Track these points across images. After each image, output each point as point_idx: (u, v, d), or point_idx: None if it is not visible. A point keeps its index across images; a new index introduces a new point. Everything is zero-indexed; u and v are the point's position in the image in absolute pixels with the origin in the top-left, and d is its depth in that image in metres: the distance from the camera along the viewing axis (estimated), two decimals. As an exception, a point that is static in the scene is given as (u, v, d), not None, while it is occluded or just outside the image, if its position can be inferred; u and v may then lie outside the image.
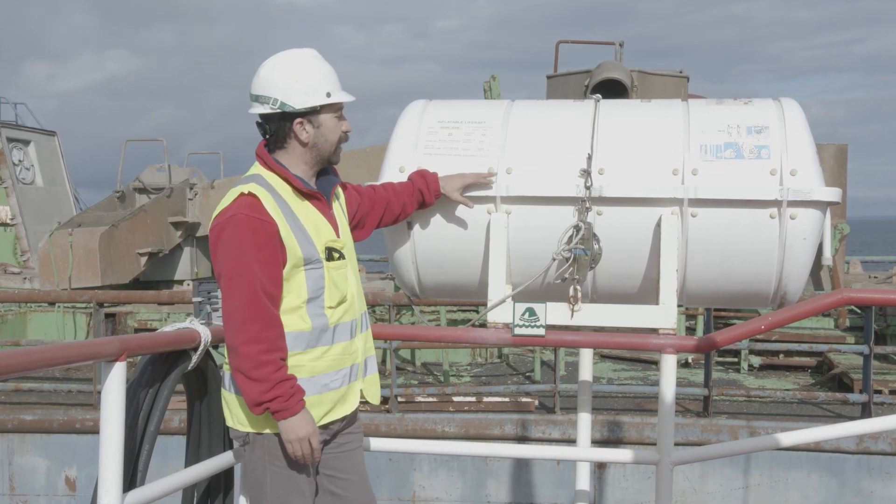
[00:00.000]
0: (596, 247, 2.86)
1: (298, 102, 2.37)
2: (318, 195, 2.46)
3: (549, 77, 8.75)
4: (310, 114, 2.39)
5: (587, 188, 2.85)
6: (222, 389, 2.47)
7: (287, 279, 2.35)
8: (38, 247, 9.34)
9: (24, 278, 9.94)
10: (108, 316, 7.71)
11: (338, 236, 2.47)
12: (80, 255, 8.75)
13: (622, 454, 3.35)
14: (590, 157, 2.88)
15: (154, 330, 5.31)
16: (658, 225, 2.84)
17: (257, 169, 2.44)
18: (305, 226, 2.38)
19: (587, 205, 2.84)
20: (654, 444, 2.91)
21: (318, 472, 2.49)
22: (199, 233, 10.35)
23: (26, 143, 12.13)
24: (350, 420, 2.55)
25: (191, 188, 10.23)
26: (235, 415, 2.42)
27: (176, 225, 9.96)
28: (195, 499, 2.72)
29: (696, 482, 5.64)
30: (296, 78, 2.38)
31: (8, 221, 11.28)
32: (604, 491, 5.70)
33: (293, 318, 2.36)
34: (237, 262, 2.27)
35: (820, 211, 2.82)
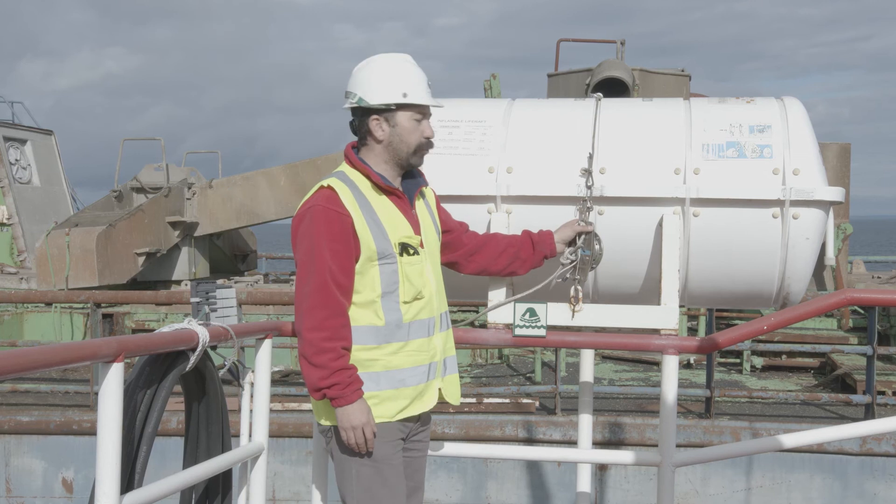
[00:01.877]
0: (597, 247, 2.85)
1: (374, 99, 2.45)
2: (397, 192, 2.50)
3: (549, 75, 8.76)
4: (386, 112, 2.46)
5: (588, 187, 2.85)
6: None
7: (362, 273, 2.41)
8: (35, 247, 9.31)
9: (21, 278, 9.90)
10: (105, 316, 7.68)
11: (416, 233, 2.50)
12: (77, 255, 8.71)
13: (624, 456, 3.33)
14: (591, 157, 2.87)
15: (152, 330, 5.29)
16: (660, 225, 2.83)
17: (342, 167, 2.53)
18: (382, 220, 2.44)
19: (588, 204, 2.84)
20: (656, 446, 2.89)
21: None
22: (197, 232, 10.33)
23: (23, 142, 12.08)
24: (424, 421, 2.59)
25: (189, 187, 10.20)
26: (318, 408, 2.51)
27: (174, 225, 9.93)
28: (193, 501, 2.69)
29: (698, 484, 5.62)
30: (377, 76, 2.46)
31: (4, 221, 11.25)
32: (605, 493, 5.67)
33: (367, 312, 2.42)
34: (311, 251, 2.38)
35: (823, 210, 2.81)
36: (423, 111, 2.48)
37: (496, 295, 2.94)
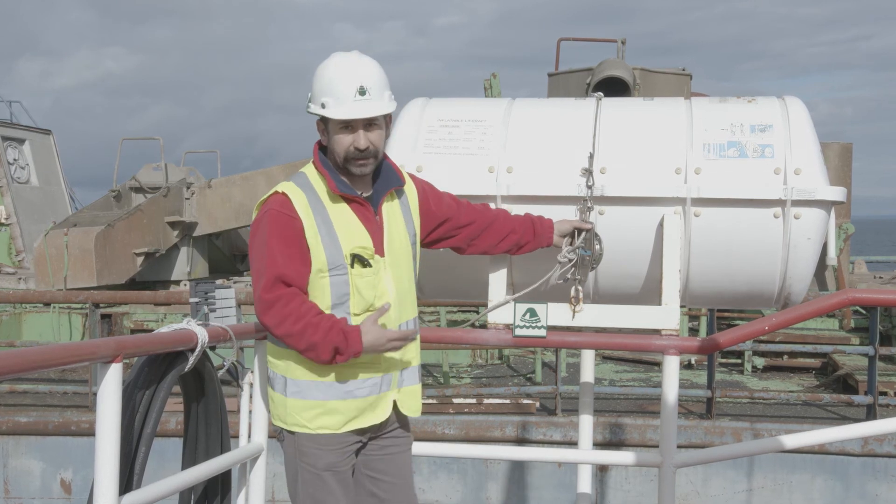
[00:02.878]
0: (598, 247, 2.84)
1: (311, 106, 2.41)
2: (358, 199, 2.42)
3: (550, 75, 8.75)
4: (324, 119, 2.40)
5: (589, 187, 2.83)
6: (267, 385, 2.55)
7: (313, 283, 2.37)
8: (34, 247, 9.30)
9: (19, 279, 9.90)
10: (103, 317, 7.65)
11: (374, 243, 2.41)
12: (76, 255, 8.71)
13: (624, 457, 3.33)
14: (591, 156, 2.86)
15: (150, 331, 5.28)
16: (661, 224, 2.82)
17: (307, 166, 2.48)
18: (336, 229, 2.37)
19: (589, 204, 2.82)
20: (657, 447, 2.88)
21: (354, 472, 2.49)
22: (196, 232, 10.31)
23: (21, 141, 12.08)
24: (386, 427, 2.52)
25: (188, 187, 10.19)
26: (272, 411, 2.51)
27: (172, 224, 9.92)
28: (192, 502, 2.68)
29: (699, 485, 5.60)
30: (314, 81, 2.40)
31: (3, 221, 11.24)
32: (605, 494, 5.66)
33: None
34: (261, 255, 2.34)
35: (824, 210, 2.80)
36: (349, 122, 2.34)
37: (496, 295, 2.92)
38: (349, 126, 2.35)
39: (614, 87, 7.71)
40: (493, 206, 2.89)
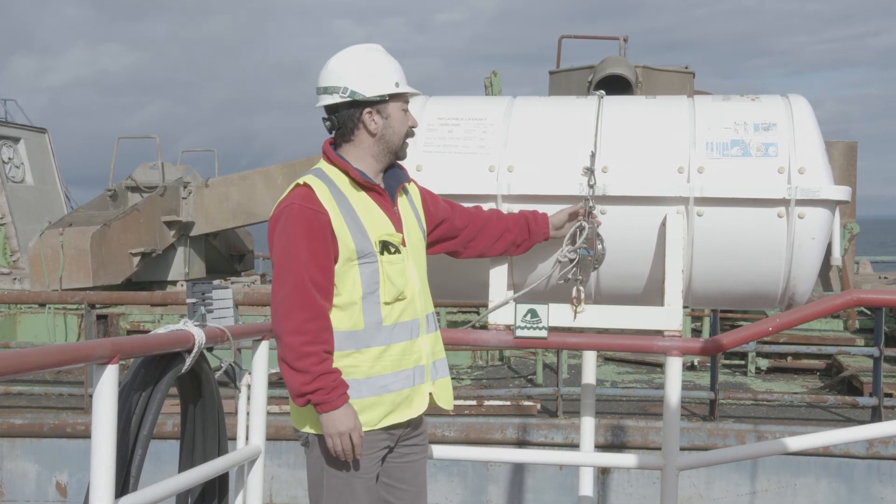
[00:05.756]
0: (599, 247, 2.82)
1: (369, 91, 2.40)
2: (378, 189, 2.45)
3: (551, 73, 8.74)
4: (379, 104, 2.42)
5: (591, 187, 2.82)
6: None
7: (342, 273, 2.35)
8: (29, 247, 9.27)
9: (14, 279, 9.87)
10: (99, 317, 7.61)
11: (398, 231, 2.44)
12: (72, 256, 8.67)
13: (626, 459, 3.30)
14: (593, 155, 2.84)
15: (147, 332, 5.25)
16: (663, 224, 2.81)
17: (320, 163, 2.47)
18: (361, 218, 2.38)
19: (591, 203, 2.80)
20: (659, 449, 2.86)
21: (377, 478, 2.46)
22: (193, 232, 10.28)
23: (16, 140, 12.04)
24: (415, 426, 2.52)
25: (184, 187, 10.16)
26: (296, 414, 2.46)
27: (169, 224, 9.89)
28: (189, 505, 2.65)
29: (702, 488, 5.58)
30: (367, 68, 2.41)
31: (-2, 221, 11.22)
32: (607, 497, 5.64)
33: (347, 315, 2.36)
34: (287, 252, 2.31)
35: (829, 210, 2.79)
36: (407, 100, 2.47)
37: (497, 295, 2.90)
38: (406, 106, 2.47)
39: (616, 85, 7.70)
40: (493, 205, 2.89)
